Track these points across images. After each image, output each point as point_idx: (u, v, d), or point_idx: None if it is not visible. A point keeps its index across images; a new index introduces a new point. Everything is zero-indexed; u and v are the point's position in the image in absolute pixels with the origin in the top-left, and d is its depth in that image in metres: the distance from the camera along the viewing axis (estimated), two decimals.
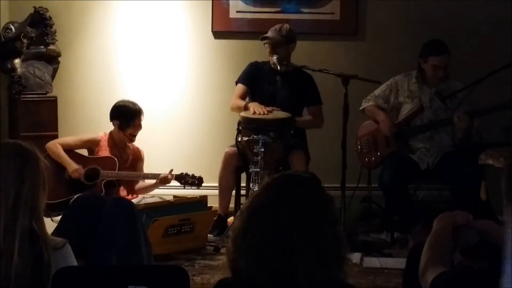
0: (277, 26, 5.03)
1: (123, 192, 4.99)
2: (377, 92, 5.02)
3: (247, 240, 1.94)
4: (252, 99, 5.04)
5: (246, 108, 4.92)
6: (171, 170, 4.90)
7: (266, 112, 4.76)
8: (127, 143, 5.08)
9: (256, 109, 4.78)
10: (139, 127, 5.02)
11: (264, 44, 5.01)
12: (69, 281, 2.58)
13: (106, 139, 5.05)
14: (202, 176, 4.91)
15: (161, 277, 2.57)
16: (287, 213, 1.92)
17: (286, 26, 5.05)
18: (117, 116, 5.00)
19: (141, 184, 5.08)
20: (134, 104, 5.02)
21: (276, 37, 4.97)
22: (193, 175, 4.89)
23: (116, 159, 4.94)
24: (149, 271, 2.78)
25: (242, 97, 5.08)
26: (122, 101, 5.06)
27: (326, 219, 1.96)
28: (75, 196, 4.22)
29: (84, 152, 5.12)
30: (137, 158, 5.12)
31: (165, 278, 2.56)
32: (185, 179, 4.88)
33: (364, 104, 5.06)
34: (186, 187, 4.91)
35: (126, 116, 4.97)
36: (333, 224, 1.97)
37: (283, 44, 4.98)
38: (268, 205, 1.95)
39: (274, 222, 1.92)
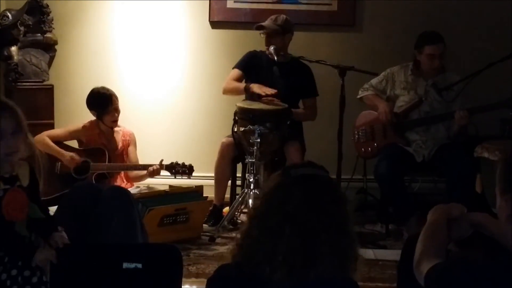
0: (274, 16, 5.02)
1: (120, 182, 4.94)
2: (373, 82, 5.01)
3: (274, 236, 1.94)
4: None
5: (247, 89, 4.92)
6: (161, 161, 4.81)
7: (270, 93, 4.76)
8: (114, 128, 4.99)
9: (260, 90, 4.79)
10: (115, 111, 4.91)
11: (260, 34, 5.00)
12: (66, 258, 2.62)
13: (92, 128, 4.96)
14: (192, 165, 4.83)
15: (155, 255, 2.61)
16: (313, 216, 1.94)
17: (283, 16, 5.04)
18: (92, 106, 4.92)
19: (136, 172, 5.00)
20: (105, 89, 4.92)
21: (272, 26, 4.96)
22: (183, 163, 4.81)
23: (105, 149, 4.86)
24: (143, 249, 2.82)
25: (237, 80, 5.06)
26: (94, 88, 4.96)
27: (347, 218, 1.99)
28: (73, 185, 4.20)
29: (72, 143, 5.04)
30: (127, 143, 5.04)
31: (159, 256, 2.60)
32: (175, 169, 4.79)
33: (362, 93, 5.05)
34: (177, 177, 4.83)
35: (100, 103, 4.88)
36: (351, 223, 2.01)
37: (278, 34, 4.97)
38: (296, 208, 1.95)
39: (300, 226, 1.93)
